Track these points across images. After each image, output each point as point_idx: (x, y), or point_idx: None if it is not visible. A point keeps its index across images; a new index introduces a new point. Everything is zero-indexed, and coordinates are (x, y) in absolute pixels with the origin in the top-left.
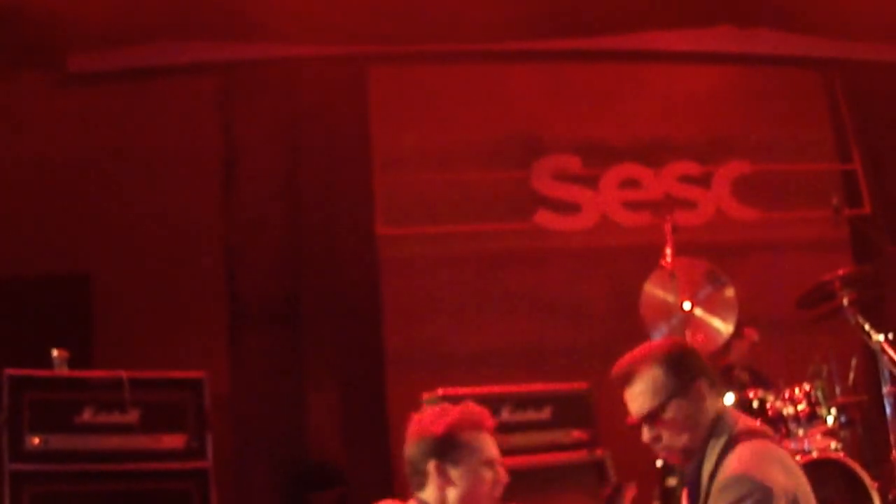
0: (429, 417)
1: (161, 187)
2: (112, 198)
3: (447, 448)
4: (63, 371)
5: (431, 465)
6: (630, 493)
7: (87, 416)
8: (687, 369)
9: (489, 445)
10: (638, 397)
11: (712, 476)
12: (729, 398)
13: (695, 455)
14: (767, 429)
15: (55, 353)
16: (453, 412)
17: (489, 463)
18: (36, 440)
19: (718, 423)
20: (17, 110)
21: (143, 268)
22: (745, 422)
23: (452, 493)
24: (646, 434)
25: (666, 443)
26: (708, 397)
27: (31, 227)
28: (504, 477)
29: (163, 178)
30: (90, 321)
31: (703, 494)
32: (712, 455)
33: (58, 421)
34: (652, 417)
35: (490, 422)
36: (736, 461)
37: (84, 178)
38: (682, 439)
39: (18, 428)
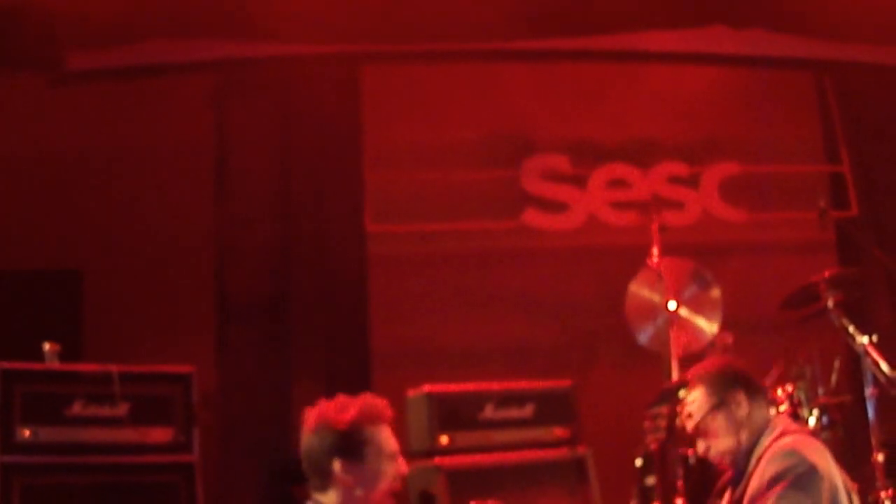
0: (330, 412)
1: (153, 184)
2: (104, 194)
3: (352, 444)
4: (54, 364)
5: (337, 465)
6: None
7: (77, 408)
8: (722, 384)
9: (391, 438)
10: (689, 415)
11: (761, 457)
12: None
13: (740, 457)
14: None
15: (46, 346)
16: (354, 406)
17: (392, 456)
18: (26, 432)
19: (768, 425)
20: (10, 107)
21: (133, 263)
22: (792, 424)
23: (360, 492)
24: (700, 448)
25: (714, 451)
26: (748, 405)
27: (23, 223)
28: (404, 468)
29: (155, 175)
30: (81, 316)
31: (750, 472)
32: (763, 443)
33: (48, 413)
34: (699, 433)
35: (389, 412)
36: (785, 441)
37: (77, 174)
38: (727, 443)
39: (9, 420)
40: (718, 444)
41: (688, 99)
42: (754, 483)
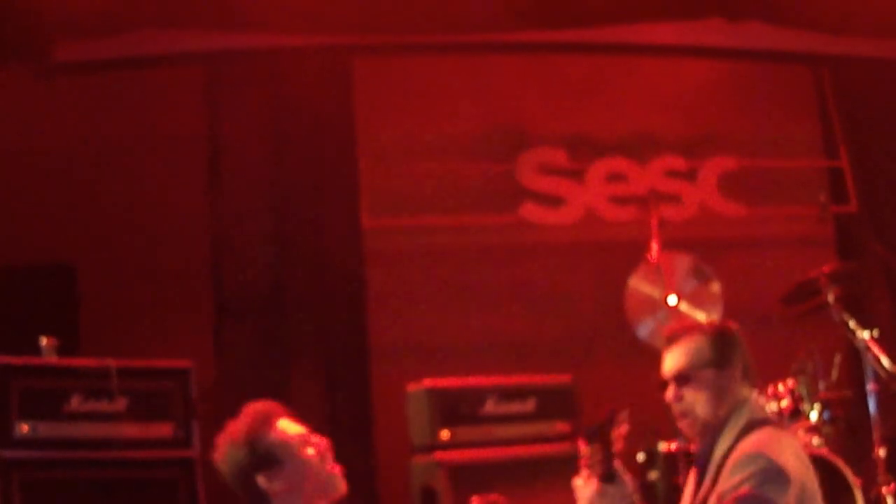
0: (227, 437)
1: (146, 177)
2: (98, 188)
3: (261, 454)
4: (51, 359)
5: (261, 480)
6: (622, 428)
7: (75, 403)
8: (729, 349)
9: (290, 427)
10: (676, 356)
11: (726, 456)
12: None
13: (708, 431)
14: (784, 421)
15: (43, 341)
16: (242, 420)
17: (302, 443)
18: (25, 428)
19: (740, 407)
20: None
21: (128, 258)
22: (763, 410)
23: (297, 492)
24: (670, 392)
25: (686, 406)
26: (738, 383)
27: (16, 217)
28: (323, 444)
29: (148, 168)
30: (77, 311)
31: (712, 473)
32: (729, 436)
33: (46, 409)
34: (682, 378)
35: (277, 406)
36: (753, 441)
37: (68, 168)
38: (703, 409)
39: (7, 415)
40: (696, 404)
41: (685, 92)
42: (720, 489)
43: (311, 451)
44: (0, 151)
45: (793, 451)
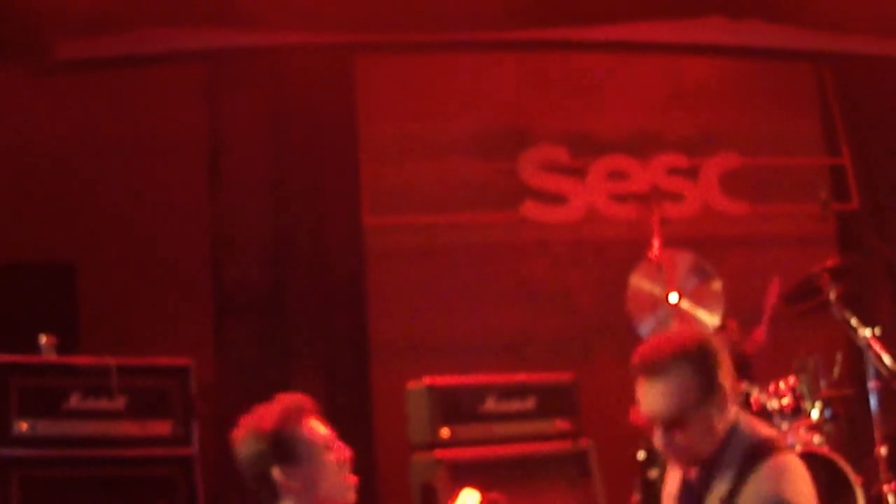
0: (252, 423)
1: (146, 175)
2: (97, 186)
3: (284, 448)
4: (51, 357)
5: (276, 472)
6: None
7: (74, 401)
8: (714, 371)
9: (319, 428)
10: (659, 398)
11: (733, 492)
12: None
13: (702, 461)
14: (779, 436)
15: (43, 339)
16: (273, 409)
17: (326, 446)
18: (24, 426)
19: (734, 432)
20: (0, 97)
21: (128, 256)
22: (759, 429)
23: (309, 493)
24: (659, 439)
25: (678, 449)
26: (727, 402)
27: (15, 215)
28: (346, 452)
29: (148, 167)
30: (76, 309)
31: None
32: (730, 467)
33: (46, 407)
34: (672, 422)
35: (310, 404)
36: (765, 481)
37: (69, 166)
38: (699, 447)
39: (6, 413)
40: (690, 446)
41: (686, 90)
42: None
43: (332, 456)
44: (0, 149)
45: (802, 477)
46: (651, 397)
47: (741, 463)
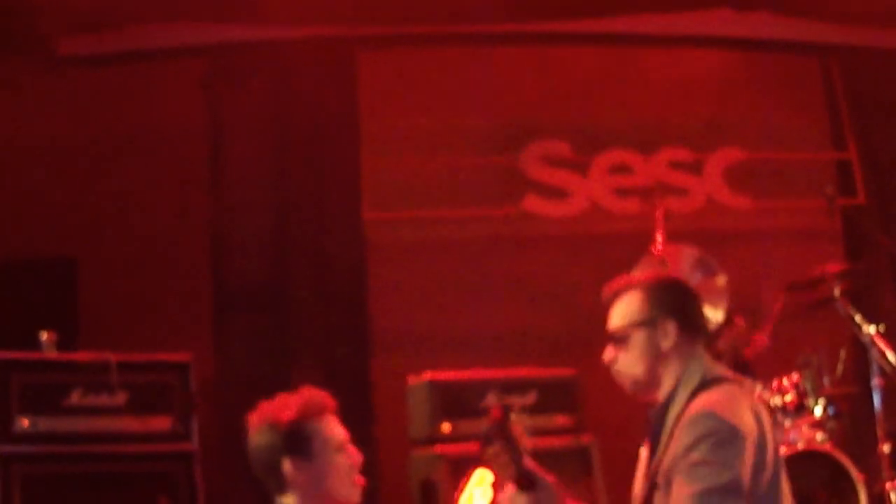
0: (271, 412)
1: (146, 171)
2: (98, 182)
3: (298, 441)
4: (51, 353)
5: (287, 464)
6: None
7: (75, 398)
8: (663, 304)
9: (336, 428)
10: (613, 315)
11: (679, 418)
12: None
13: (643, 389)
14: (741, 378)
15: (43, 335)
16: (294, 402)
17: (340, 447)
18: (25, 422)
19: (689, 367)
20: (2, 93)
21: (129, 252)
22: (719, 369)
23: (316, 489)
24: (608, 352)
25: (620, 367)
26: (676, 339)
27: (16, 211)
28: (358, 456)
29: (149, 162)
30: (77, 305)
31: (666, 437)
32: (681, 398)
33: (46, 403)
34: (616, 338)
35: (331, 402)
36: (703, 400)
37: (69, 161)
38: (636, 369)
39: (7, 410)
40: (626, 362)
41: (691, 83)
42: (671, 452)
43: (344, 457)
44: (2, 145)
45: (748, 406)
46: (611, 317)
47: (690, 394)
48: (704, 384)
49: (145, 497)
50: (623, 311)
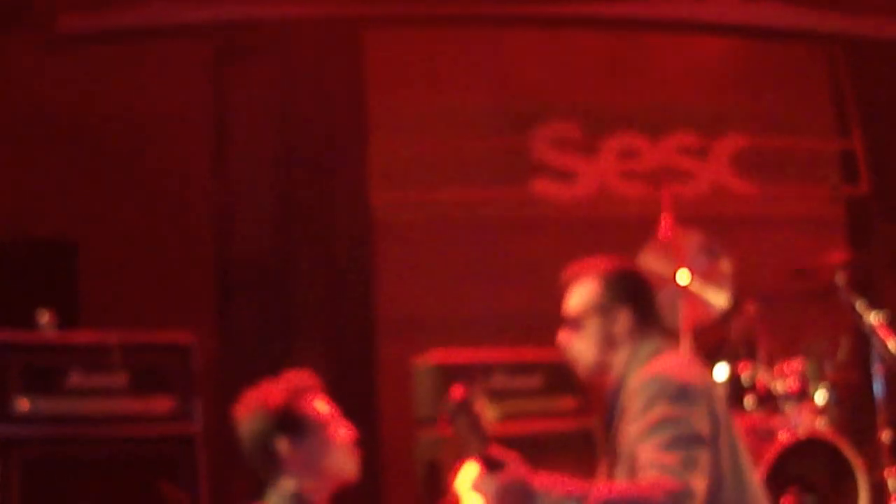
0: (259, 397)
1: (150, 150)
2: (101, 160)
3: (290, 421)
4: (51, 334)
5: (282, 445)
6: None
7: (75, 379)
8: (617, 293)
9: (324, 406)
10: (569, 301)
11: (630, 396)
12: (720, 371)
13: (595, 372)
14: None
15: (43, 315)
16: (280, 384)
17: (331, 423)
18: (25, 404)
19: (640, 349)
20: (2, 72)
21: (132, 232)
22: (668, 344)
23: (313, 468)
24: (562, 335)
25: (573, 351)
26: (629, 326)
27: (17, 191)
28: (350, 431)
29: (152, 141)
30: (78, 285)
31: (620, 412)
32: (633, 375)
33: (46, 385)
34: (570, 323)
35: (316, 382)
36: (651, 368)
37: (72, 140)
38: (588, 354)
39: (7, 392)
40: (579, 346)
41: (699, 69)
42: (628, 422)
43: (337, 434)
44: (2, 124)
45: (692, 365)
46: (566, 302)
47: (643, 366)
48: (653, 355)
49: (146, 480)
50: (579, 296)
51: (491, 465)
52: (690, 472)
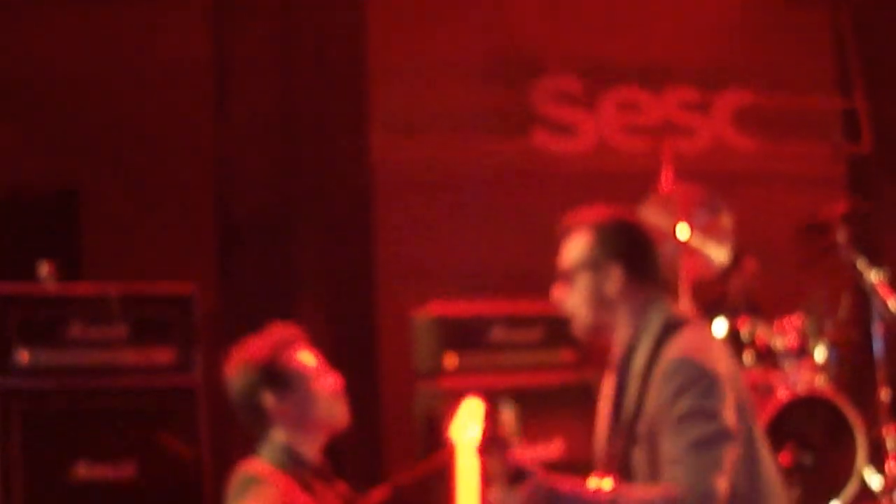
0: (245, 352)
1: (151, 101)
2: (102, 112)
3: (276, 375)
4: (52, 286)
5: (268, 399)
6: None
7: (75, 331)
8: (609, 247)
9: (310, 358)
10: (563, 254)
11: (650, 365)
12: (720, 326)
13: (592, 332)
14: (694, 314)
15: (43, 267)
16: (265, 339)
17: (317, 375)
18: (25, 356)
19: (647, 314)
20: (2, 25)
21: (132, 183)
22: (679, 310)
23: (302, 421)
24: (556, 290)
25: (569, 309)
26: (622, 284)
27: (18, 143)
28: (337, 380)
29: (153, 92)
30: (79, 237)
31: (636, 384)
32: (646, 342)
33: (47, 336)
34: (563, 277)
35: (301, 334)
36: (675, 346)
37: (74, 93)
38: (581, 311)
39: (7, 344)
40: (572, 303)
41: (701, 23)
42: (652, 405)
43: (323, 385)
44: (3, 76)
45: (717, 346)
46: (561, 254)
47: (655, 338)
48: (669, 328)
49: (147, 431)
50: (571, 249)
51: (515, 477)
52: (715, 474)
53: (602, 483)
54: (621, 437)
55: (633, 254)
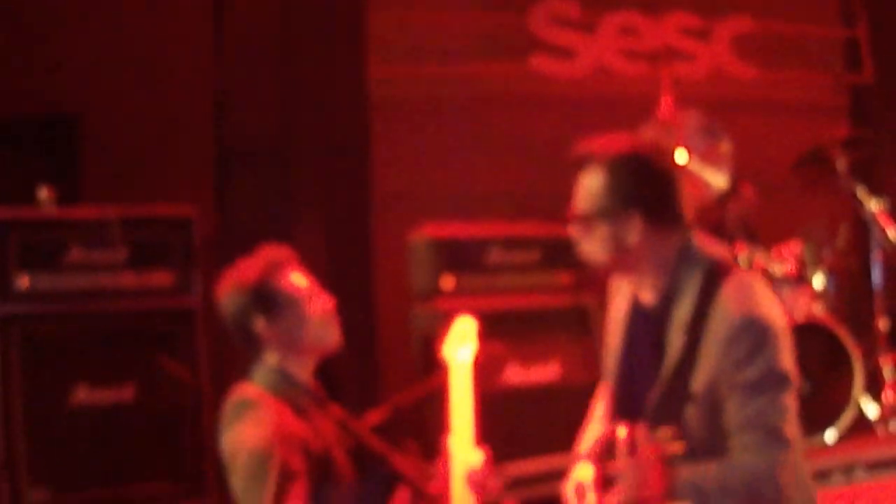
0: (235, 276)
1: (150, 26)
2: (101, 37)
3: (266, 298)
4: (51, 210)
5: (259, 323)
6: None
7: (75, 254)
8: (627, 194)
9: (300, 279)
10: (578, 192)
11: (699, 318)
12: None
13: (613, 272)
14: (730, 255)
15: (42, 191)
16: (255, 262)
17: (308, 296)
18: (24, 281)
19: (686, 255)
20: None
21: (131, 107)
22: (715, 250)
23: (294, 344)
24: (572, 229)
25: (584, 251)
26: (643, 232)
27: (18, 66)
28: (329, 301)
29: (153, 16)
30: (78, 160)
31: (685, 337)
32: (690, 293)
33: (46, 261)
34: (579, 220)
35: (291, 255)
36: (735, 302)
37: (72, 16)
38: (600, 257)
39: (6, 269)
40: (589, 250)
41: None
42: (714, 367)
43: (314, 306)
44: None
45: (766, 292)
46: (577, 191)
47: (701, 287)
48: (713, 276)
49: (146, 354)
50: (585, 193)
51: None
52: (784, 434)
53: (635, 430)
54: (667, 389)
55: (653, 197)
